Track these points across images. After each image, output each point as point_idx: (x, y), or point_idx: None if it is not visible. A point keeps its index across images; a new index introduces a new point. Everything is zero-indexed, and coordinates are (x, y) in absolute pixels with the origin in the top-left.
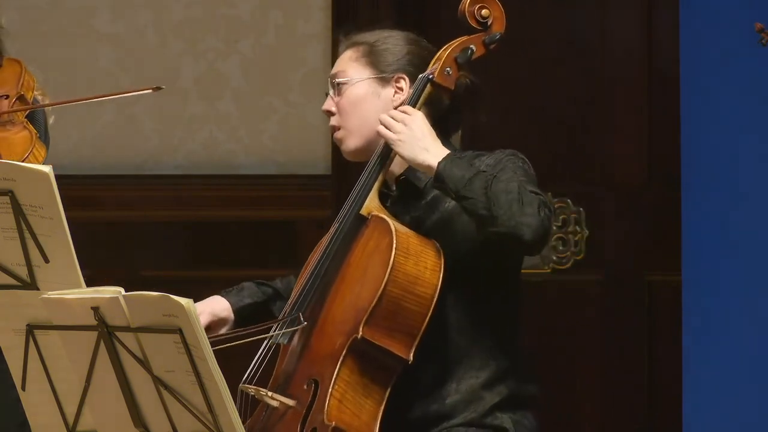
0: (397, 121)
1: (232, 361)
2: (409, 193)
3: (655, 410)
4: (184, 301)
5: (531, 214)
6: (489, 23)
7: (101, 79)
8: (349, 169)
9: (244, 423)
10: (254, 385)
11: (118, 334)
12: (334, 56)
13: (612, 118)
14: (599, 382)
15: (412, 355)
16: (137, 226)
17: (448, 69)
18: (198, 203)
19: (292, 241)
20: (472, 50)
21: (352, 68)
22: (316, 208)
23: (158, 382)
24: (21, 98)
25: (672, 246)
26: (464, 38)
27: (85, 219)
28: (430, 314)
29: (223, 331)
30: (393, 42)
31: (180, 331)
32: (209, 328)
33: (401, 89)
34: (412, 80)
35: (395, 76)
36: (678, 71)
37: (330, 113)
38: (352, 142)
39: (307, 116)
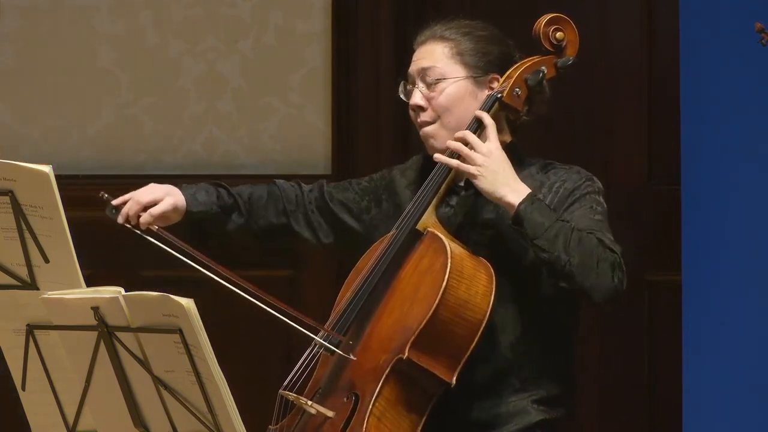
0: (476, 152)
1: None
2: (478, 194)
3: (655, 410)
4: (184, 301)
5: (605, 281)
6: (563, 46)
7: (101, 79)
8: (349, 169)
9: (277, 425)
10: (292, 388)
11: (118, 334)
12: (334, 56)
13: (612, 118)
14: (599, 382)
15: (454, 378)
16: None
17: (517, 89)
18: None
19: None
20: (544, 72)
21: (446, 65)
22: None
23: (158, 382)
24: None
25: (672, 246)
26: (536, 59)
27: (85, 219)
28: (477, 339)
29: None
30: (483, 41)
31: (180, 331)
32: (163, 217)
33: (494, 90)
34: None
35: (489, 77)
36: (678, 71)
37: (421, 108)
38: (446, 140)
39: (307, 116)
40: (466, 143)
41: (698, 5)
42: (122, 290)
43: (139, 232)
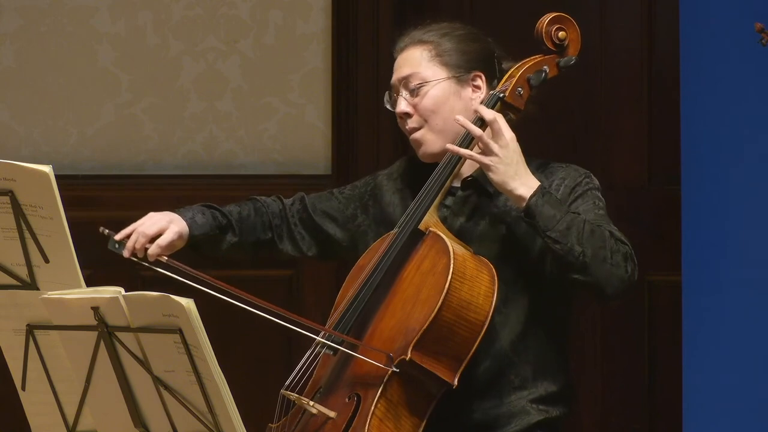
0: (494, 141)
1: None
2: (477, 195)
3: (655, 410)
4: (184, 301)
5: (619, 271)
6: (565, 45)
7: (101, 79)
8: (349, 169)
9: (277, 424)
10: (293, 388)
11: (118, 334)
12: (335, 56)
13: (612, 118)
14: (599, 382)
15: (456, 380)
16: None
17: (519, 89)
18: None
19: None
20: (546, 72)
21: (426, 68)
22: None
23: (158, 382)
24: None
25: (672, 246)
26: (538, 58)
27: (85, 219)
28: (479, 340)
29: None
30: (460, 40)
31: (180, 331)
32: (170, 246)
33: (478, 87)
34: (487, 77)
35: (472, 75)
36: (678, 71)
37: (408, 115)
38: (436, 143)
39: (307, 116)
40: (494, 122)
41: (698, 5)
42: (122, 290)
43: (147, 264)
